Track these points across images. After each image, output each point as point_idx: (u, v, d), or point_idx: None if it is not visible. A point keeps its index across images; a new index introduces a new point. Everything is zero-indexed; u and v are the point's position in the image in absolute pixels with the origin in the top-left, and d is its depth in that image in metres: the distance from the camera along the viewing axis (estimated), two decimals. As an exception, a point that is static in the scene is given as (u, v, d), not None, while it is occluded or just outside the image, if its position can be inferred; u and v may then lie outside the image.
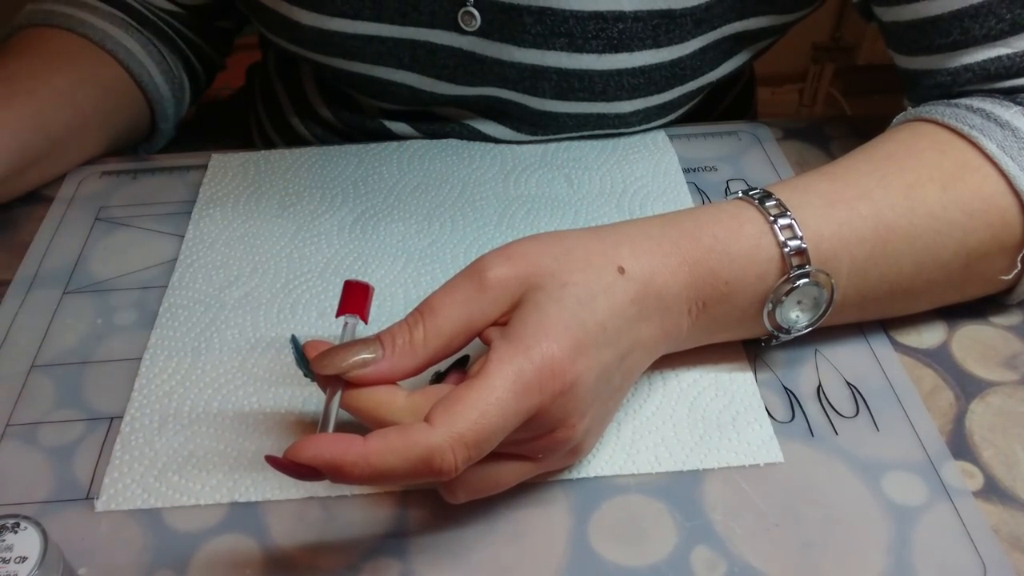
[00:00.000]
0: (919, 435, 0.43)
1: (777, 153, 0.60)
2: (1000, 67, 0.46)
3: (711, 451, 0.42)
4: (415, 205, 0.56)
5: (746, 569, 0.38)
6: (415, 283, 0.51)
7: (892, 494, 0.40)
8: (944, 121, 0.45)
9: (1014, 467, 0.41)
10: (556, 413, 0.35)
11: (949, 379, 0.45)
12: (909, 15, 0.48)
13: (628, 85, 0.55)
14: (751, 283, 0.41)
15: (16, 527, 0.33)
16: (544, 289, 0.36)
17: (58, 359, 0.48)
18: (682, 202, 0.56)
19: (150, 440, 0.43)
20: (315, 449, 0.32)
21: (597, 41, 0.53)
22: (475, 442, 0.32)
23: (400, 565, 0.38)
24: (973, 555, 0.38)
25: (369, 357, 0.35)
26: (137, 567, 0.38)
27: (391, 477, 0.32)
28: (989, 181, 0.43)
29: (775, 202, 0.41)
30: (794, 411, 0.44)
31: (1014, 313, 0.49)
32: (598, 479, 0.41)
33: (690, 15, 0.52)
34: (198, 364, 0.47)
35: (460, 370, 0.39)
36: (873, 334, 0.47)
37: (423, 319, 0.36)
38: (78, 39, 0.61)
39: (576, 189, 0.57)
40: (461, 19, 0.53)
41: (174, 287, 0.51)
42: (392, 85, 0.59)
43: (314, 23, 0.55)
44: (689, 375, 0.45)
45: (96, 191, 0.59)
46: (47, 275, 0.53)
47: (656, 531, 0.39)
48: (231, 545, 0.39)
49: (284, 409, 0.44)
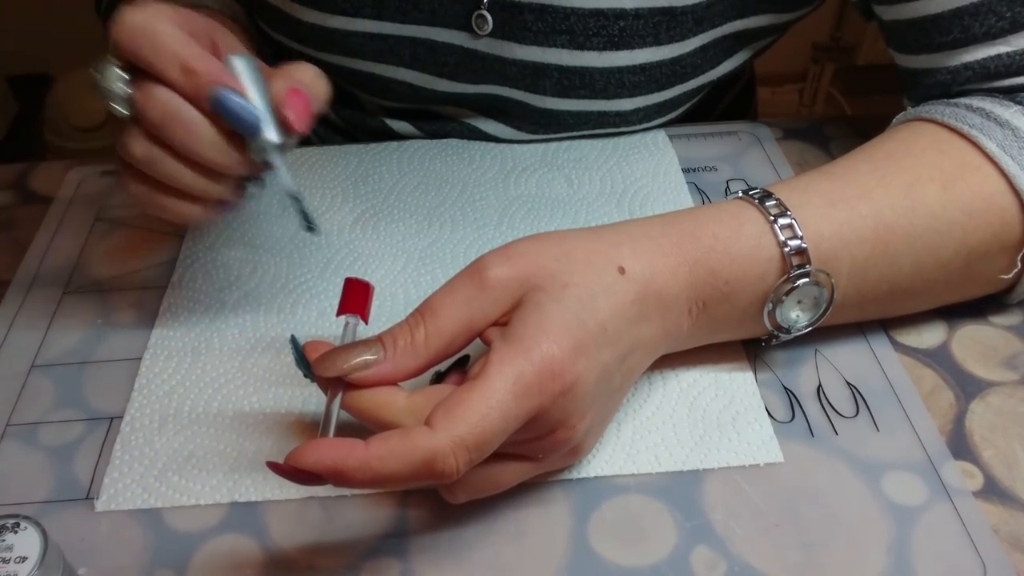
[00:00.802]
0: (919, 435, 0.43)
1: (777, 153, 0.60)
2: (1000, 65, 0.46)
3: (711, 451, 0.42)
4: (415, 205, 0.56)
5: (746, 569, 0.38)
6: (415, 283, 0.51)
7: (892, 494, 0.40)
8: (944, 120, 0.45)
9: (1014, 467, 0.41)
10: (556, 414, 0.35)
11: (949, 379, 0.45)
12: (909, 13, 0.48)
13: (629, 83, 0.55)
14: (751, 283, 0.41)
15: (16, 527, 0.33)
16: (545, 289, 0.36)
17: (58, 359, 0.48)
18: (682, 202, 0.56)
19: (150, 440, 0.43)
20: (317, 455, 0.32)
21: (598, 38, 0.53)
22: (476, 445, 0.32)
23: (400, 565, 0.38)
24: (973, 555, 0.38)
25: (371, 358, 0.35)
26: (137, 567, 0.38)
27: (393, 481, 0.32)
28: (989, 180, 0.43)
29: (775, 202, 0.41)
30: (794, 411, 0.44)
31: (1014, 313, 0.49)
32: (598, 479, 0.41)
33: (691, 13, 0.52)
34: (198, 364, 0.47)
35: (460, 370, 0.39)
36: (873, 334, 0.47)
37: (424, 320, 0.36)
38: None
39: (576, 189, 0.57)
40: (475, 23, 0.53)
41: (174, 287, 0.51)
42: (393, 83, 0.59)
43: (315, 20, 0.55)
44: (689, 375, 0.45)
45: (96, 191, 0.59)
46: (47, 275, 0.53)
47: (656, 531, 0.39)
48: (231, 545, 0.39)
49: (284, 409, 0.44)
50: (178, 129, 0.38)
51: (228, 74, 0.39)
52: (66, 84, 1.73)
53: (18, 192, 0.60)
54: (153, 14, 0.38)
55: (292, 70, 0.42)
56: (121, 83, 0.39)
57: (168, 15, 0.39)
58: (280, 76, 0.41)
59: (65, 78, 1.74)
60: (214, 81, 0.38)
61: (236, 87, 0.39)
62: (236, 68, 0.40)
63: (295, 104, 0.40)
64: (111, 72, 0.39)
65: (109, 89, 0.38)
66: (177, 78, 0.38)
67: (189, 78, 0.38)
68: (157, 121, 0.38)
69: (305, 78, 0.42)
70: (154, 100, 0.38)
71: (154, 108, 0.38)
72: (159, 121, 0.38)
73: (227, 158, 0.40)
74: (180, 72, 0.38)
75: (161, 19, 0.38)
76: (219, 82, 0.38)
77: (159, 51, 0.38)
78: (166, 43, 0.38)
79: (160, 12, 0.39)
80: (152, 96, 0.38)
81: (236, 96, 0.39)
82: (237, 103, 0.39)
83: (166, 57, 0.38)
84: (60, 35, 1.68)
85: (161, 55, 0.38)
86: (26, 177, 0.61)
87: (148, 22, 0.38)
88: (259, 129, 0.39)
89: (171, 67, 0.38)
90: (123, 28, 0.38)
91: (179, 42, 0.38)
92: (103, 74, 0.38)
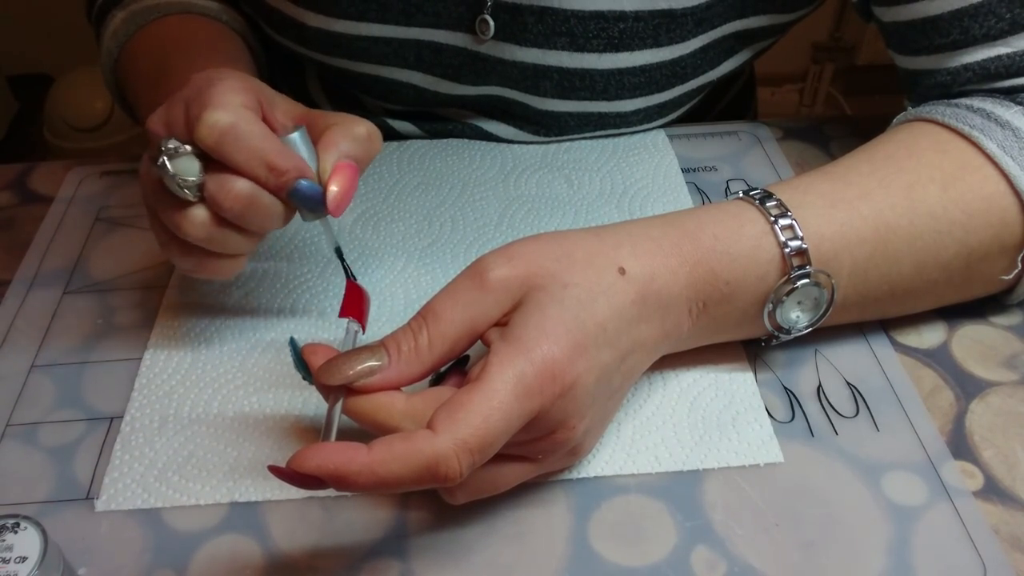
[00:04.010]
0: (919, 435, 0.43)
1: (777, 153, 0.60)
2: (1000, 66, 0.46)
3: (711, 451, 0.42)
4: (415, 205, 0.56)
5: (746, 569, 0.38)
6: (415, 283, 0.51)
7: (892, 494, 0.40)
8: (944, 121, 0.45)
9: (1014, 467, 0.41)
10: (556, 415, 0.35)
11: (949, 379, 0.45)
12: (909, 15, 0.48)
13: (629, 84, 0.55)
14: (752, 283, 0.41)
15: (16, 527, 0.33)
16: (546, 290, 0.36)
17: (58, 359, 0.48)
18: (682, 202, 0.56)
19: (150, 440, 0.43)
20: (319, 459, 0.32)
21: (598, 40, 0.53)
22: (479, 447, 0.32)
23: (400, 565, 0.38)
24: (973, 555, 0.38)
25: (376, 365, 0.35)
26: (137, 567, 0.38)
27: (396, 485, 0.32)
28: (990, 181, 0.43)
29: (776, 202, 0.41)
30: (794, 411, 0.44)
31: (1014, 313, 0.49)
32: (598, 479, 0.41)
33: (691, 15, 0.52)
34: (198, 364, 0.47)
35: (460, 371, 0.39)
36: (873, 334, 0.47)
37: (427, 323, 0.36)
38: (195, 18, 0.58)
39: (576, 190, 0.57)
40: (478, 26, 0.53)
41: (174, 287, 0.51)
42: (397, 85, 0.59)
43: (320, 25, 0.55)
44: (689, 375, 0.45)
45: (96, 191, 0.59)
46: (47, 275, 0.53)
47: (656, 531, 0.39)
48: (231, 545, 0.39)
49: (284, 409, 0.44)
50: (257, 216, 0.40)
51: (305, 163, 0.40)
52: (66, 84, 1.73)
53: (18, 192, 0.60)
54: (235, 112, 0.39)
55: (343, 134, 0.42)
56: (197, 172, 0.39)
57: (243, 105, 0.40)
58: (330, 146, 0.41)
59: (65, 78, 1.74)
60: (297, 177, 0.39)
61: (310, 176, 0.40)
62: (295, 144, 0.41)
63: (340, 184, 0.40)
64: (188, 161, 0.39)
65: (183, 177, 0.39)
66: (262, 175, 0.39)
67: (274, 176, 0.39)
68: (237, 212, 0.39)
69: (353, 146, 0.42)
70: (235, 193, 0.39)
71: (235, 201, 0.39)
72: (239, 212, 0.39)
73: (282, 224, 0.42)
74: (265, 170, 0.39)
75: (244, 117, 0.39)
76: (301, 176, 0.40)
77: (245, 152, 0.39)
78: (252, 145, 0.39)
79: (239, 109, 0.39)
80: (232, 189, 0.39)
81: (312, 185, 0.40)
82: (313, 191, 0.40)
83: (251, 156, 0.39)
84: (60, 35, 1.68)
85: (247, 155, 0.39)
86: (26, 177, 0.61)
87: (235, 124, 0.38)
88: (325, 209, 0.40)
89: (257, 166, 0.39)
90: (209, 128, 0.38)
91: (259, 137, 0.39)
92: (174, 159, 0.39)
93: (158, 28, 0.56)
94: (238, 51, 0.57)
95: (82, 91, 1.71)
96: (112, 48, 0.57)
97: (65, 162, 0.62)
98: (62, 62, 1.73)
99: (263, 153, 0.39)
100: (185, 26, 0.57)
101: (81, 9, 0.64)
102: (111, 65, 0.58)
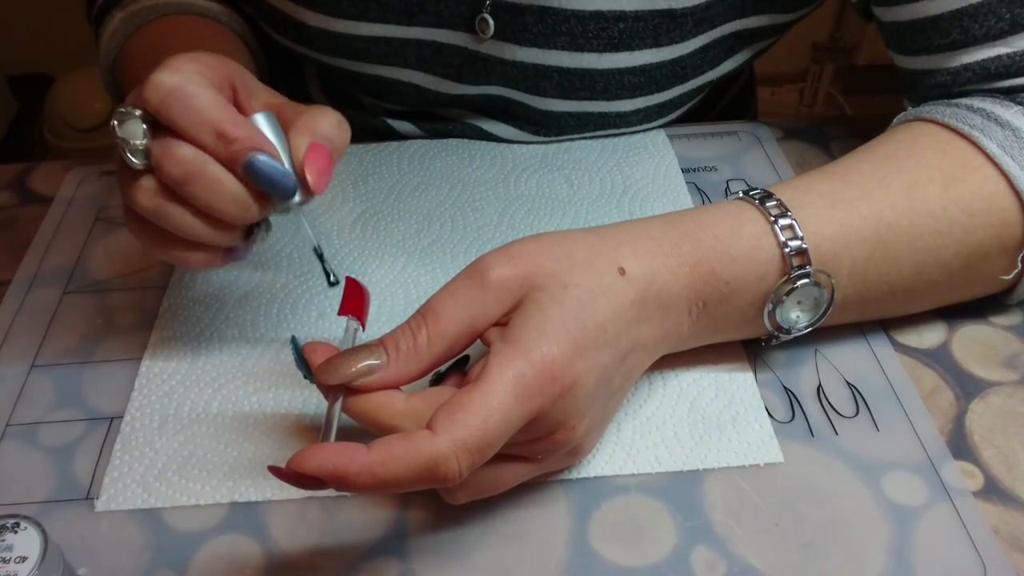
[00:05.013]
0: (919, 435, 0.43)
1: (777, 153, 0.60)
2: (1000, 66, 0.46)
3: (711, 451, 0.42)
4: (415, 205, 0.56)
5: (746, 569, 0.38)
6: (415, 283, 0.51)
7: (892, 494, 0.40)
8: (944, 121, 0.45)
9: (1014, 467, 0.41)
10: (556, 415, 0.35)
11: (949, 379, 0.45)
12: (908, 15, 0.48)
13: (629, 84, 0.55)
14: (751, 283, 0.41)
15: (16, 527, 0.33)
16: (546, 290, 0.36)
17: (58, 359, 0.48)
18: (682, 202, 0.56)
19: (150, 440, 0.43)
20: (319, 459, 0.32)
21: (598, 40, 0.53)
22: (479, 448, 0.32)
23: (400, 565, 0.38)
24: (973, 555, 0.38)
25: (375, 363, 0.35)
26: (137, 567, 0.38)
27: (396, 485, 0.32)
28: (990, 181, 0.43)
29: (776, 202, 0.41)
30: (794, 411, 0.44)
31: (1014, 313, 0.49)
32: (598, 479, 0.41)
33: (690, 14, 0.52)
34: (198, 364, 0.47)
35: (460, 371, 0.39)
36: (873, 334, 0.47)
37: (426, 322, 0.36)
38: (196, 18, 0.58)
39: (576, 190, 0.57)
40: (478, 25, 0.53)
41: (174, 287, 0.51)
42: (397, 84, 0.59)
43: (320, 24, 0.55)
44: (689, 375, 0.45)
45: (96, 191, 0.59)
46: (47, 275, 0.53)
47: (656, 531, 0.39)
48: (231, 545, 0.39)
49: (284, 409, 0.44)
50: (200, 186, 0.37)
51: (264, 137, 0.38)
52: (66, 84, 1.73)
53: (18, 192, 0.60)
54: (185, 76, 0.37)
55: (314, 120, 0.40)
56: (141, 135, 0.38)
57: (197, 72, 0.38)
58: (302, 130, 0.39)
59: (65, 78, 1.74)
60: (251, 147, 0.37)
61: (270, 150, 0.38)
62: (259, 124, 0.39)
63: (316, 162, 0.39)
64: (133, 124, 0.38)
65: (126, 139, 0.38)
66: (210, 142, 0.37)
67: (223, 143, 0.37)
68: (178, 178, 0.37)
69: (327, 129, 0.40)
70: (176, 157, 0.37)
71: (176, 165, 0.37)
72: (180, 178, 0.37)
73: (247, 213, 0.39)
74: (214, 137, 0.37)
75: (193, 80, 0.37)
76: (256, 147, 0.37)
77: (191, 115, 0.37)
78: (199, 108, 0.37)
79: (191, 74, 0.38)
80: (174, 153, 0.37)
81: (271, 161, 0.38)
82: (274, 168, 0.38)
83: (199, 121, 0.37)
84: (60, 35, 1.69)
85: (193, 119, 0.37)
86: (26, 177, 0.61)
87: (180, 85, 0.37)
88: (294, 193, 0.39)
89: (204, 132, 0.37)
90: (153, 89, 0.37)
91: (212, 106, 0.37)
92: (122, 123, 0.38)
93: (156, 28, 0.56)
94: (237, 51, 0.57)
95: (82, 91, 1.71)
96: (110, 48, 0.57)
97: (65, 162, 0.62)
98: (62, 62, 1.74)
99: (212, 120, 0.37)
100: (184, 26, 0.57)
101: (81, 9, 0.64)
102: (109, 66, 0.58)
